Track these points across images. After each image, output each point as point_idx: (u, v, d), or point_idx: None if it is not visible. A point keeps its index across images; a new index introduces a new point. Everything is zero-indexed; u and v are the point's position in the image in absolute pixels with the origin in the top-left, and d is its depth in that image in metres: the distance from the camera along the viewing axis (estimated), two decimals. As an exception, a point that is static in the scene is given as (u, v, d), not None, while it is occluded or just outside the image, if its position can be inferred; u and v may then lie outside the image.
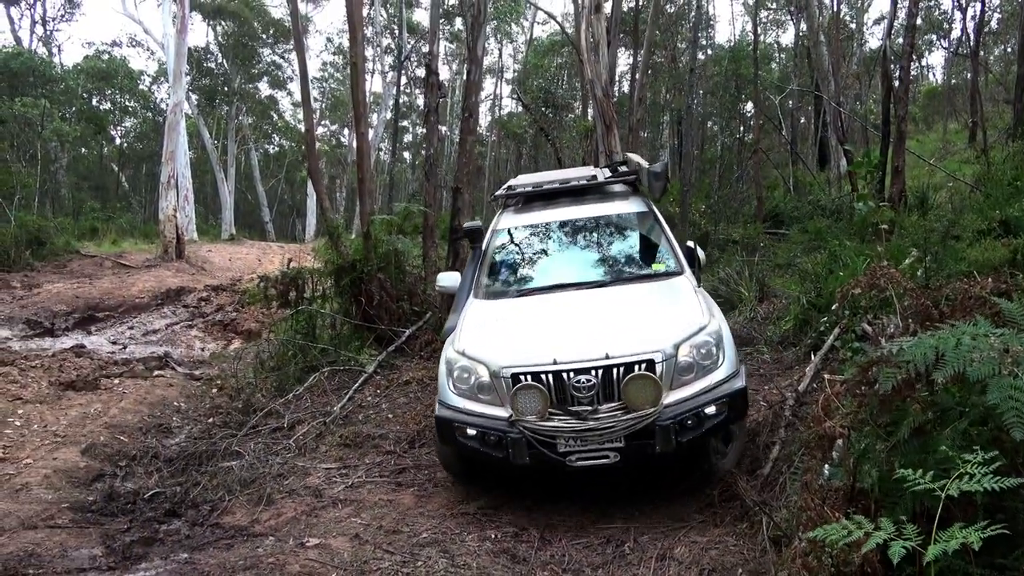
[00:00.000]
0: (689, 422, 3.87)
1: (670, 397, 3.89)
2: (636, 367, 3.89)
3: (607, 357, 3.92)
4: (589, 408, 3.88)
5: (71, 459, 5.05)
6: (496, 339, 4.38)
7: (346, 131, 35.18)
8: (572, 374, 3.92)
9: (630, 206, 5.41)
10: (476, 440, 4.02)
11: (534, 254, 5.43)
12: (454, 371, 4.26)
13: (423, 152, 13.37)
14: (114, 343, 10.79)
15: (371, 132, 24.54)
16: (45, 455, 5.12)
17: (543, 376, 3.94)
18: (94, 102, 31.88)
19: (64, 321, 12.85)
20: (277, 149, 39.90)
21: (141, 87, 33.21)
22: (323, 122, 36.55)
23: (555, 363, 3.94)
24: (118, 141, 36.00)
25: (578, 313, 4.52)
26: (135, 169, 36.86)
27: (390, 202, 23.18)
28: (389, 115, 29.27)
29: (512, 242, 5.49)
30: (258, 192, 33.07)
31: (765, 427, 4.83)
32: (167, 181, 17.82)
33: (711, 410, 3.90)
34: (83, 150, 33.13)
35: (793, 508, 3.51)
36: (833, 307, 5.59)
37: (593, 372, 3.91)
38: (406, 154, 37.93)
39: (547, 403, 3.89)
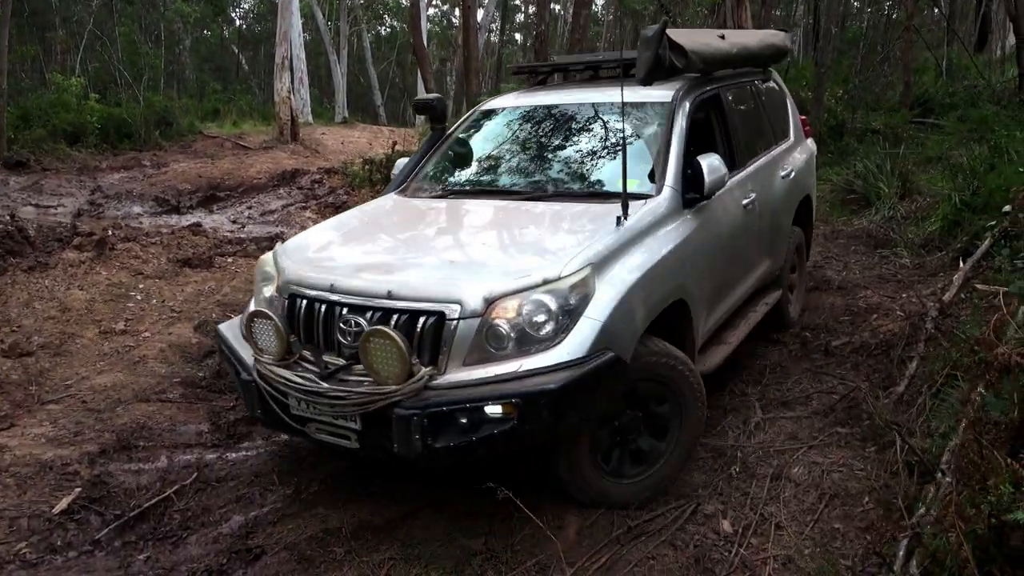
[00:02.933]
0: (451, 421, 2.57)
1: (448, 376, 2.63)
2: (420, 319, 2.67)
3: (388, 296, 2.75)
4: (342, 363, 2.79)
5: (184, 335, 5.23)
6: (330, 246, 3.41)
7: (457, 12, 34.09)
8: (344, 310, 2.82)
9: (650, 94, 3.81)
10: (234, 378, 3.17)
11: (496, 147, 4.18)
12: (256, 277, 3.35)
13: (533, 32, 12.63)
14: (234, 222, 11.17)
15: (480, 13, 23.56)
16: (161, 330, 5.33)
17: (316, 305, 2.89)
18: (213, -18, 32.19)
19: (188, 199, 13.43)
20: (389, 30, 39.41)
21: (257, -34, 33.16)
22: (433, 2, 35.56)
23: (331, 289, 2.88)
24: (237, 23, 36.54)
25: (459, 231, 3.52)
26: (254, 51, 37.47)
27: (498, 84, 22.51)
28: (500, -8, 27.98)
29: (479, 129, 4.35)
30: (370, 75, 33.01)
31: (901, 340, 4.33)
32: (281, 63, 17.90)
33: (493, 411, 2.54)
34: (205, 32, 33.82)
35: (936, 435, 3.10)
36: (1006, 209, 4.74)
37: (369, 314, 2.75)
38: (517, 35, 36.55)
39: (282, 342, 2.89)
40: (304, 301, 2.94)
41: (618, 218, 3.03)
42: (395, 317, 2.71)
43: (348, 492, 3.28)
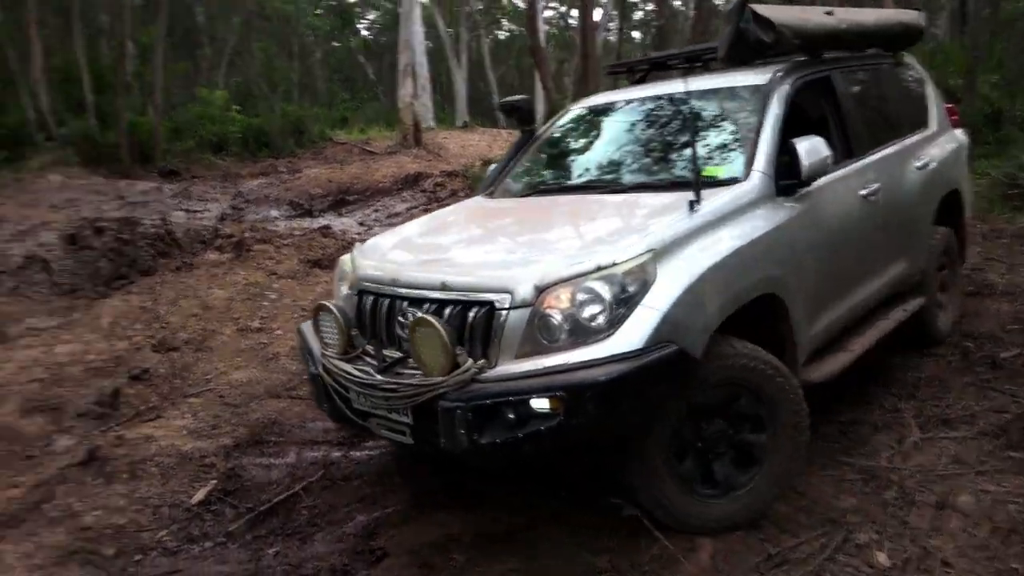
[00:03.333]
0: (496, 416, 2.44)
1: (499, 369, 2.51)
2: (472, 310, 2.59)
3: (442, 287, 2.70)
4: (398, 356, 2.76)
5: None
6: (402, 244, 3.39)
7: (574, 12, 33.95)
8: (404, 303, 2.80)
9: (744, 78, 3.57)
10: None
11: (583, 145, 4.12)
12: (335, 276, 3.41)
13: (652, 28, 12.29)
14: (361, 224, 11.56)
15: (598, 12, 23.33)
16: (293, 328, 5.53)
17: (380, 300, 2.89)
18: (342, -4, 33.74)
19: (320, 203, 14.06)
20: (507, 35, 39.86)
21: (383, -22, 34.44)
22: (551, 3, 35.60)
23: (393, 283, 2.88)
24: (364, 33, 38.11)
25: (527, 225, 3.37)
26: (379, 61, 38.95)
27: (616, 83, 22.18)
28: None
29: (567, 128, 4.24)
30: (489, 79, 33.50)
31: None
32: (404, 69, 18.41)
33: (539, 405, 2.39)
34: (335, 44, 35.48)
35: None
36: None
37: (425, 306, 2.70)
38: (635, 33, 35.97)
39: (343, 335, 2.92)
40: (371, 296, 2.96)
41: (690, 203, 2.80)
42: (448, 308, 2.64)
43: (469, 497, 3.23)
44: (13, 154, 15.66)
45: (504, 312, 2.53)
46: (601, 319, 2.48)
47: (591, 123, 4.22)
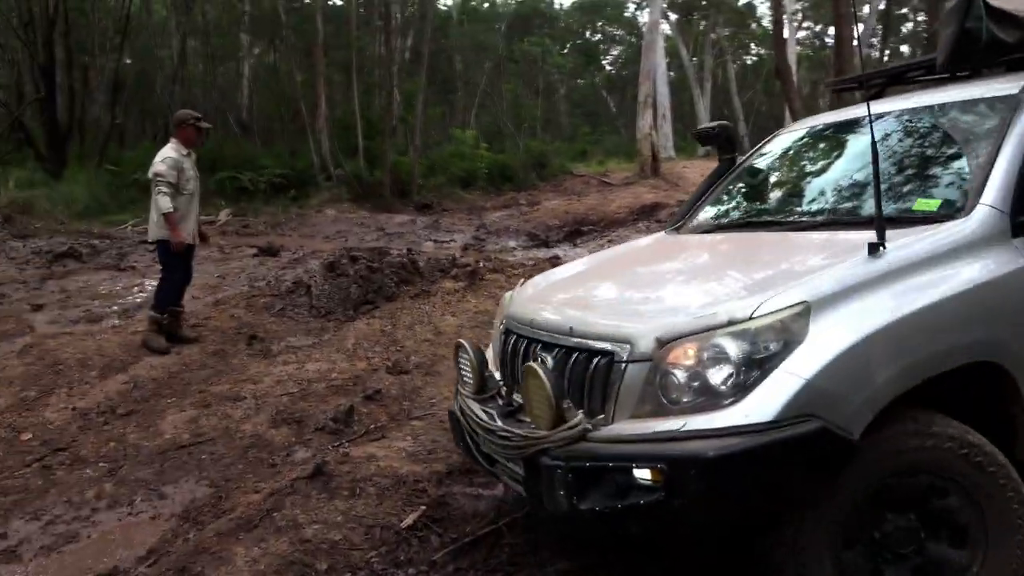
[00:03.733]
0: (597, 481, 2.15)
1: (613, 428, 2.21)
2: (592, 359, 2.32)
3: (570, 332, 2.47)
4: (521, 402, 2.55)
5: (534, 363, 5.37)
6: (560, 282, 3.25)
7: (831, 30, 31.62)
8: (538, 347, 2.60)
9: (987, 89, 2.87)
10: None
11: (784, 174, 3.67)
12: (497, 312, 3.29)
13: (924, 40, 10.89)
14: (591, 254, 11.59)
15: (859, 27, 21.41)
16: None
17: (520, 340, 2.72)
18: (587, 35, 34.77)
19: (556, 234, 14.37)
20: (755, 59, 38.30)
21: (626, 15, 35.01)
22: (804, 23, 33.51)
23: (531, 324, 2.70)
24: (607, 69, 38.87)
25: (688, 266, 3.08)
26: (621, 94, 39.43)
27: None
28: (883, 3, 25.19)
29: (771, 155, 3.77)
30: (734, 106, 32.32)
31: None
32: (644, 100, 18.34)
33: (642, 476, 2.06)
34: (578, 81, 36.60)
35: None
36: None
37: (555, 351, 2.49)
38: (904, 47, 32.53)
39: (476, 374, 2.82)
40: (513, 336, 2.81)
41: (871, 245, 2.26)
42: (574, 356, 2.42)
43: (673, 558, 2.90)
44: (299, 193, 18.06)
45: (623, 365, 2.25)
46: (728, 382, 2.09)
47: (800, 148, 3.72)
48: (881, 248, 2.25)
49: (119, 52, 20.73)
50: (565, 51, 31.72)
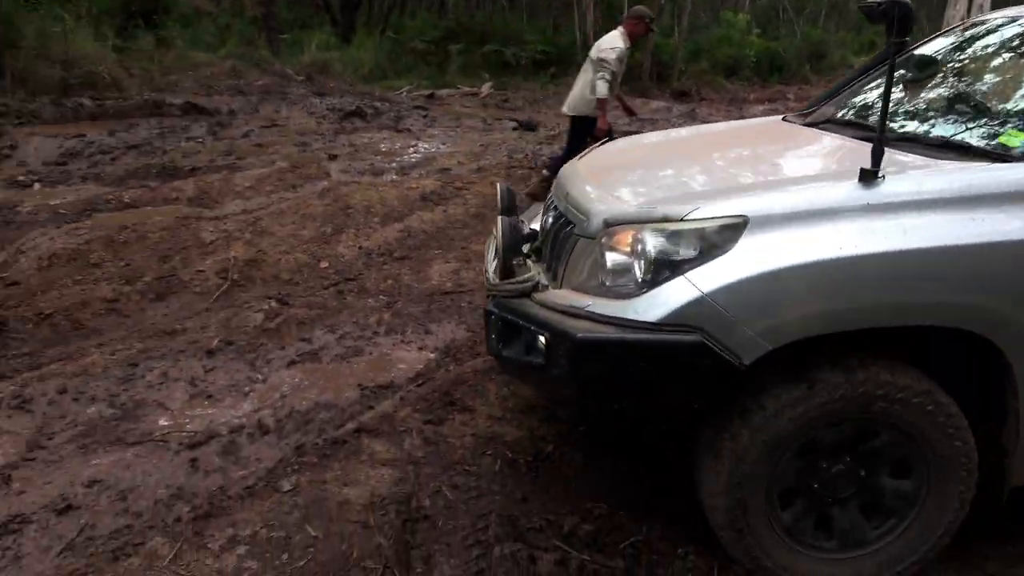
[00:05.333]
0: (515, 334, 2.32)
1: (552, 293, 2.34)
2: (565, 228, 2.50)
3: (566, 198, 2.62)
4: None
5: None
6: (609, 157, 3.21)
7: None
8: (550, 217, 2.75)
9: None
10: None
11: (955, 72, 3.00)
12: None
13: None
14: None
15: None
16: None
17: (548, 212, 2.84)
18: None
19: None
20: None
21: None
22: None
23: (555, 195, 2.80)
24: (917, -54, 33.35)
25: (739, 158, 2.87)
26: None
27: None
28: None
29: (950, 46, 3.16)
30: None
31: None
32: (960, -15, 15.60)
33: (540, 340, 2.20)
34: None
35: None
36: None
37: (556, 213, 2.67)
38: None
39: (498, 248, 2.65)
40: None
41: (863, 171, 2.02)
42: (560, 221, 2.57)
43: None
44: (558, 70, 18.18)
45: (576, 238, 2.38)
46: (640, 276, 2.10)
47: (985, 45, 3.05)
48: (880, 177, 2.01)
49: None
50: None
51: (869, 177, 2.01)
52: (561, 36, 19.91)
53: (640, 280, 2.09)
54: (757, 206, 2.04)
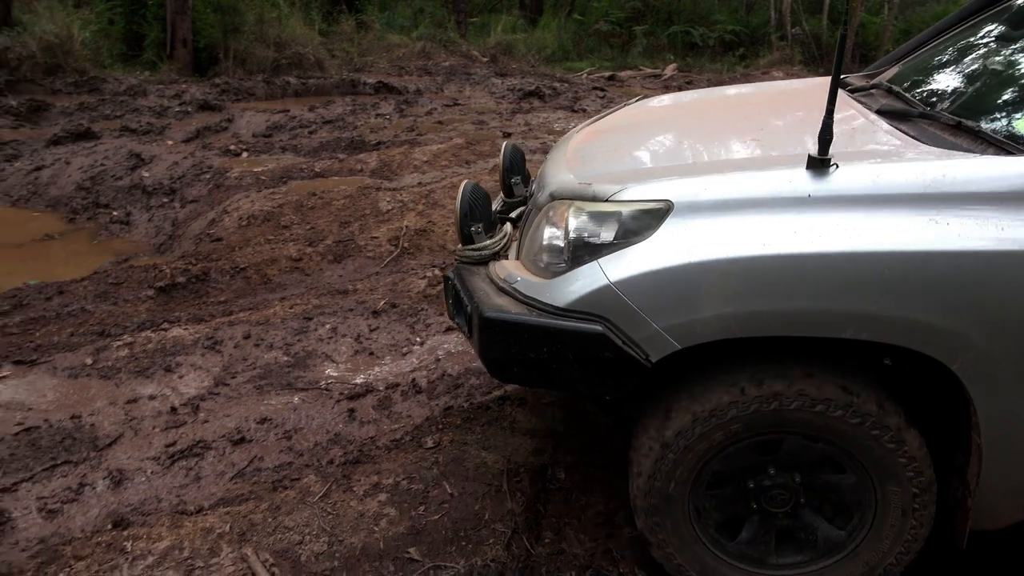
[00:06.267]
0: (460, 302, 2.22)
1: (501, 263, 2.24)
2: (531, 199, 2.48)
3: (541, 175, 2.47)
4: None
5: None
6: (621, 123, 2.93)
7: None
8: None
9: None
10: None
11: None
12: None
13: None
14: None
15: None
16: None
17: None
18: None
19: None
20: None
21: None
22: None
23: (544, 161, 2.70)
24: None
25: (753, 123, 2.48)
26: None
27: None
28: None
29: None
30: None
31: None
32: None
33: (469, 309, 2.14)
34: None
35: None
36: None
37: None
38: None
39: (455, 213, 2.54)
40: None
41: (810, 158, 1.76)
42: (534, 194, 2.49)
43: None
44: (748, 51, 17.30)
45: (530, 210, 2.36)
46: (561, 255, 1.97)
47: None
48: (831, 165, 1.75)
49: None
50: None
51: (816, 166, 1.75)
52: (753, 15, 18.90)
53: (562, 260, 1.96)
54: (684, 191, 1.84)
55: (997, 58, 2.45)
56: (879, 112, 2.26)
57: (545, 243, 2.03)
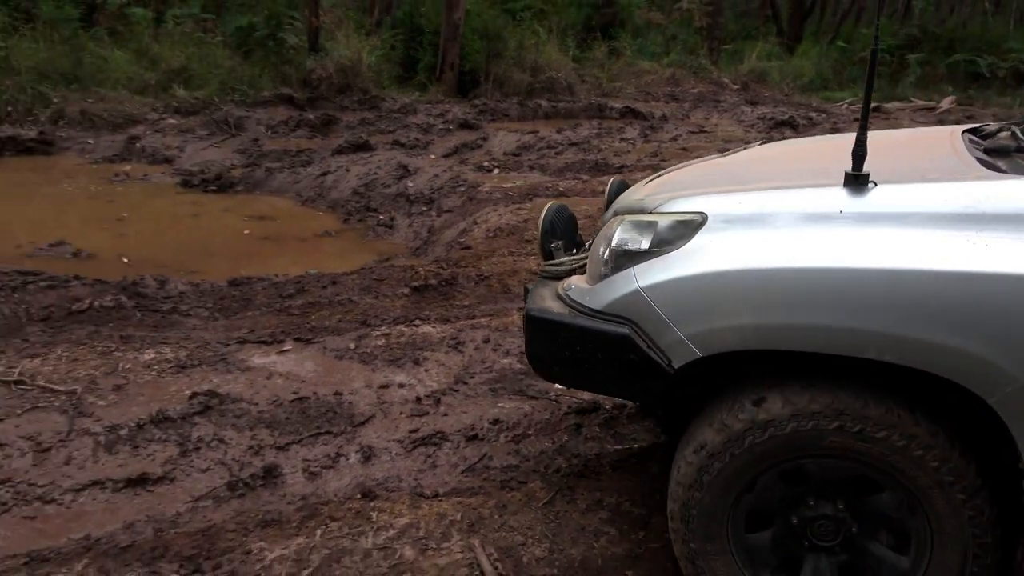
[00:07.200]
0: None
1: (571, 279, 2.28)
2: None
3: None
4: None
5: None
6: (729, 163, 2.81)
7: None
8: None
9: None
10: None
11: None
12: None
13: None
14: None
15: None
16: None
17: None
18: None
19: None
20: None
21: None
22: None
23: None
24: None
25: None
26: None
27: None
28: None
29: None
30: None
31: None
32: None
33: None
34: None
35: None
36: None
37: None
38: None
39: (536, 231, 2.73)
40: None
41: (847, 175, 1.73)
42: None
43: None
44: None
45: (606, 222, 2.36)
46: (607, 263, 2.03)
47: None
48: (869, 183, 1.72)
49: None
50: None
51: (852, 182, 1.73)
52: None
53: (608, 268, 2.03)
54: (719, 204, 1.89)
55: None
56: (986, 150, 2.08)
57: (598, 253, 2.13)
